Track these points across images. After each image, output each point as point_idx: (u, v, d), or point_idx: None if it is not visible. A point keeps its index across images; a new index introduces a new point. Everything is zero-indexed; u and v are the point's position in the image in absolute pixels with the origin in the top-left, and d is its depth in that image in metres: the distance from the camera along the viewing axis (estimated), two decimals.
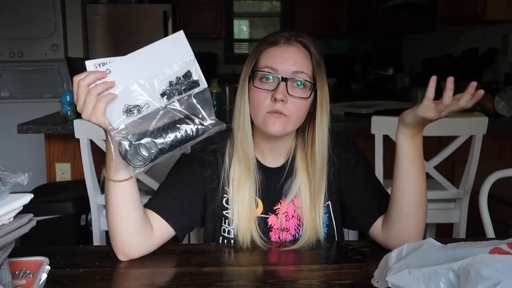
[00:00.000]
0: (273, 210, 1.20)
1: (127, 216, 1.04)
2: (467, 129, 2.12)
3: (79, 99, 0.92)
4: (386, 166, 2.19)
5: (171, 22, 4.57)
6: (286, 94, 1.09)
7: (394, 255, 0.83)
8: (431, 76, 1.01)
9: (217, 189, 1.19)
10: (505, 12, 2.89)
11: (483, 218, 1.63)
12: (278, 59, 1.11)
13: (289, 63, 1.10)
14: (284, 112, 1.10)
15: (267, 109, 1.10)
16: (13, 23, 4.11)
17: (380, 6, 4.48)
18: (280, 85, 1.09)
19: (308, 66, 1.12)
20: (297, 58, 1.11)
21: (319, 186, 1.16)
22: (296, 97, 1.10)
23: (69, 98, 2.56)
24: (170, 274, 1.03)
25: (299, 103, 1.11)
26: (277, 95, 1.08)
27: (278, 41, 1.13)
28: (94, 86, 0.91)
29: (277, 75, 1.10)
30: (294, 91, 1.10)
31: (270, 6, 5.97)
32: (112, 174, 1.01)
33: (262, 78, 1.11)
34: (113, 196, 1.03)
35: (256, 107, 1.12)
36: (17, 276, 0.91)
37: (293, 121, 1.12)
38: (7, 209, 0.84)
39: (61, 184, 2.64)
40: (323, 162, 1.16)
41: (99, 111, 0.91)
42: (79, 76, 0.92)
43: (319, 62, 1.14)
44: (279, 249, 1.14)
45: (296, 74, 1.10)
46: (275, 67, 1.10)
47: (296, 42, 1.13)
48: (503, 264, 0.69)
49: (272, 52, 1.12)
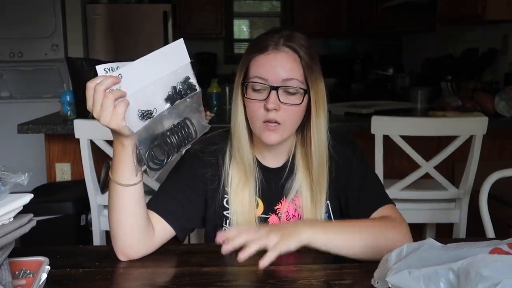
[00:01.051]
0: (273, 210, 1.20)
1: (132, 219, 1.04)
2: (467, 129, 2.12)
3: (96, 104, 0.90)
4: (386, 166, 2.20)
5: (171, 22, 4.57)
6: (278, 103, 1.09)
7: (394, 255, 0.83)
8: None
9: (217, 190, 1.19)
10: (505, 12, 2.89)
11: (483, 218, 1.63)
12: (267, 67, 1.10)
13: (278, 71, 1.09)
14: (278, 120, 1.10)
15: (261, 119, 1.11)
16: (13, 23, 4.11)
17: (380, 6, 4.48)
18: (271, 94, 1.09)
19: (298, 71, 1.10)
20: (286, 65, 1.09)
21: (320, 185, 1.16)
22: (288, 104, 1.09)
23: (69, 98, 2.56)
24: (170, 274, 1.03)
25: (292, 110, 1.10)
26: (268, 105, 1.08)
27: (266, 47, 1.11)
28: (111, 91, 0.90)
29: (267, 85, 1.09)
30: (287, 99, 1.10)
31: (270, 6, 5.97)
32: (122, 179, 1.00)
33: (254, 88, 1.12)
34: (121, 199, 1.02)
35: (251, 117, 1.13)
36: (17, 276, 0.91)
37: (289, 127, 1.12)
38: (7, 209, 0.84)
39: (61, 184, 2.64)
40: (323, 161, 1.15)
41: (120, 116, 0.90)
42: (94, 81, 0.90)
43: (310, 64, 1.11)
44: None
45: (286, 81, 1.09)
46: (264, 76, 1.10)
47: (285, 47, 1.10)
48: (503, 264, 0.69)
49: (261, 61, 1.11)
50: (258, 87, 1.10)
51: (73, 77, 2.62)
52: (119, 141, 0.97)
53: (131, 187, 1.01)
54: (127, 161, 0.98)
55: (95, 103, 0.90)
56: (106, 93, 0.90)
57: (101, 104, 0.90)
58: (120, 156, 0.98)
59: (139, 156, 0.96)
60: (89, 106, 0.92)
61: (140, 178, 1.01)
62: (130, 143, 0.96)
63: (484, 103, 2.71)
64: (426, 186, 2.28)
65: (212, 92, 2.79)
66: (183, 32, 5.21)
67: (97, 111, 0.91)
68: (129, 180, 1.00)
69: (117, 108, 0.90)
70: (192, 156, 1.20)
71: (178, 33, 5.13)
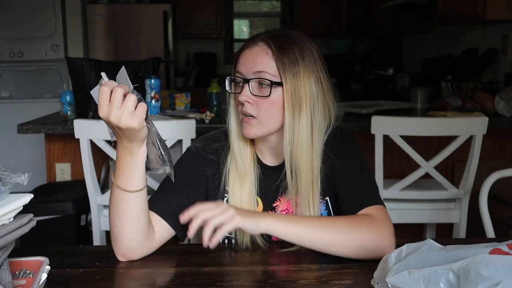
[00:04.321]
0: (272, 208, 1.20)
1: (135, 223, 1.04)
2: (467, 129, 2.12)
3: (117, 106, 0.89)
4: (386, 166, 2.20)
5: (171, 22, 4.58)
6: (250, 95, 1.10)
7: (393, 256, 0.83)
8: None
9: (218, 189, 1.19)
10: (505, 12, 2.89)
11: (483, 218, 1.63)
12: (243, 62, 1.13)
13: (250, 65, 1.11)
14: (252, 113, 1.11)
15: (240, 114, 1.13)
16: (13, 23, 4.11)
17: (380, 6, 4.48)
18: (243, 87, 1.11)
19: (270, 64, 1.10)
20: (257, 58, 1.11)
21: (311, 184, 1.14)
22: (258, 96, 1.10)
23: (69, 98, 2.56)
24: (170, 274, 1.03)
25: (264, 103, 1.10)
26: (240, 97, 1.11)
27: (248, 44, 1.14)
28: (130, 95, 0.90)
29: (241, 78, 1.12)
30: (259, 91, 1.11)
31: (270, 6, 5.97)
32: (127, 184, 1.00)
33: (236, 83, 1.15)
34: (124, 204, 1.02)
35: (235, 112, 1.16)
36: (17, 276, 0.91)
37: (265, 123, 1.12)
38: (7, 209, 0.84)
39: (61, 184, 2.64)
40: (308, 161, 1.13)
41: (141, 117, 0.91)
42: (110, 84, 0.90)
43: (288, 58, 1.09)
44: (279, 250, 1.13)
45: (257, 74, 1.10)
46: (240, 70, 1.13)
47: (260, 41, 1.12)
48: (503, 264, 0.69)
49: (240, 56, 1.14)
50: (237, 81, 1.14)
51: (73, 77, 2.62)
52: (127, 150, 0.96)
53: (137, 193, 1.01)
54: (136, 169, 0.99)
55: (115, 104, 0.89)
56: (129, 95, 0.90)
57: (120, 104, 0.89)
58: (127, 164, 0.98)
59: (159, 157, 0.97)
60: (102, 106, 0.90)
61: (146, 183, 1.01)
62: (140, 150, 0.97)
63: (484, 103, 2.71)
64: (426, 186, 2.28)
65: (212, 92, 2.79)
66: (183, 32, 5.21)
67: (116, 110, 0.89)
68: (135, 186, 1.00)
69: (140, 109, 0.90)
70: (194, 154, 1.20)
71: (178, 33, 5.14)
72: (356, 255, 1.05)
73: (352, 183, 1.16)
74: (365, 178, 1.19)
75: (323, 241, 1.04)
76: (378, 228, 1.06)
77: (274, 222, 1.03)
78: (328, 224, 1.06)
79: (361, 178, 1.18)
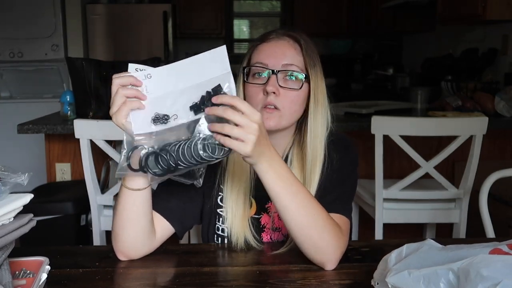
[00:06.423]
0: (265, 209, 1.20)
1: (138, 222, 1.04)
2: (467, 129, 2.12)
3: (112, 97, 0.93)
4: (386, 166, 2.20)
5: (171, 22, 4.57)
6: (278, 87, 1.10)
7: (393, 256, 0.83)
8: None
9: (213, 187, 1.19)
10: (505, 12, 2.89)
11: (483, 218, 1.63)
12: (268, 53, 1.13)
13: (278, 56, 1.11)
14: (277, 105, 1.10)
15: (260, 104, 1.11)
16: (13, 23, 4.11)
17: (380, 6, 4.48)
18: (271, 78, 1.10)
19: (298, 58, 1.12)
20: (286, 51, 1.12)
21: (309, 183, 1.13)
22: (287, 88, 1.10)
23: (69, 98, 2.56)
24: (170, 274, 1.03)
25: (291, 95, 1.11)
26: (268, 87, 1.09)
27: (269, 37, 1.15)
28: (123, 88, 0.92)
29: (268, 69, 1.11)
30: (286, 83, 1.11)
31: (270, 6, 5.97)
32: (131, 184, 1.00)
33: (255, 74, 1.13)
34: (127, 202, 1.02)
35: (250, 102, 1.10)
36: (17, 276, 0.91)
37: (287, 115, 1.12)
38: (7, 209, 0.84)
39: (61, 184, 2.64)
40: (316, 156, 1.13)
41: (121, 114, 0.91)
42: (117, 74, 0.93)
43: (312, 56, 1.13)
44: (270, 253, 1.12)
45: (287, 66, 1.11)
46: (265, 61, 1.12)
47: (286, 36, 1.14)
48: (503, 264, 0.69)
49: (263, 47, 1.14)
50: (258, 71, 1.12)
51: (73, 77, 2.62)
52: None
53: (140, 191, 1.01)
54: None
55: (112, 96, 0.93)
56: (119, 89, 0.91)
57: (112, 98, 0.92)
58: None
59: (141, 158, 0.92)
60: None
61: (149, 183, 1.02)
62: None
63: (484, 103, 2.71)
64: (426, 186, 2.28)
65: None
66: (183, 32, 5.21)
67: (111, 105, 0.93)
68: (137, 184, 1.01)
69: (123, 105, 0.91)
70: None
71: (178, 33, 5.14)
72: (307, 248, 1.01)
73: (330, 186, 1.14)
74: (345, 186, 1.17)
75: (295, 213, 0.99)
76: (339, 235, 1.03)
77: (267, 169, 0.96)
78: (310, 203, 1.00)
79: (341, 184, 1.16)
